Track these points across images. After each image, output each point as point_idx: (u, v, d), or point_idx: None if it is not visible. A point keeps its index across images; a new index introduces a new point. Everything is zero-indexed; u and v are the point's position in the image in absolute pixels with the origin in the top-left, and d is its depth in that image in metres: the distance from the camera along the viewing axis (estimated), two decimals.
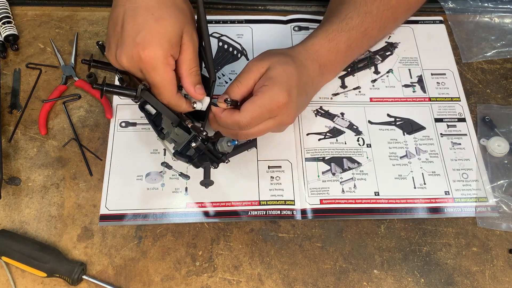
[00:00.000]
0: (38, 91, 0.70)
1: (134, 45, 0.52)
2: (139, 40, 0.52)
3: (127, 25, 0.53)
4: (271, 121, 0.58)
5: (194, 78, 0.56)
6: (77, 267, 0.55)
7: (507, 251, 0.60)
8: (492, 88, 0.73)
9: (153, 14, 0.53)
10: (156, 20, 0.53)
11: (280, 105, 0.56)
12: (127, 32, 0.53)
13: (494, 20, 0.79)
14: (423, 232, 0.61)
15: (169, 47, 0.53)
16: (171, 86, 0.54)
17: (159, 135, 0.61)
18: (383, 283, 0.58)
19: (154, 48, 0.52)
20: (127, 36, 0.53)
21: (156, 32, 0.52)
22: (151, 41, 0.52)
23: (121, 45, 0.53)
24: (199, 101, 0.57)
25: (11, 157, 0.64)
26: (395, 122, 0.69)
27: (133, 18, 0.53)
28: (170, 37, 0.53)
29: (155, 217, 0.61)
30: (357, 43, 0.66)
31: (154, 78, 0.53)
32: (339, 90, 0.71)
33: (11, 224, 0.60)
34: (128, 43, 0.53)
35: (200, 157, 0.58)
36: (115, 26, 0.55)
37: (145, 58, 0.52)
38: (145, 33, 0.52)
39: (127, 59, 0.53)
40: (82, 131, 0.67)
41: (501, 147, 0.66)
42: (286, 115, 0.58)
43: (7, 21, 0.73)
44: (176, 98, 0.56)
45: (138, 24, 0.53)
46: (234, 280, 0.57)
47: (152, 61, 0.52)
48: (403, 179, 0.64)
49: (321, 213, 0.62)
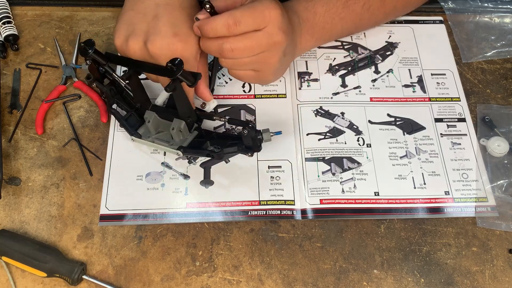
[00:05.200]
0: (38, 91, 0.70)
1: (172, 36, 0.55)
2: (177, 31, 0.55)
3: (164, 17, 0.56)
4: (260, 33, 0.56)
5: (207, 81, 0.61)
6: (77, 267, 0.55)
7: (507, 251, 0.60)
8: (492, 88, 0.73)
9: (187, 12, 0.57)
10: (190, 18, 0.56)
11: (272, 15, 0.55)
12: (164, 23, 0.55)
13: (494, 20, 0.79)
14: (423, 232, 0.61)
15: (199, 46, 0.57)
16: (204, 79, 0.59)
17: (134, 134, 0.62)
18: (383, 283, 0.58)
19: (192, 42, 0.56)
20: (164, 26, 0.55)
21: (191, 30, 0.56)
22: (189, 36, 0.56)
23: (156, 33, 0.55)
24: (208, 103, 0.62)
25: (11, 157, 0.64)
26: (395, 122, 0.69)
27: (169, 12, 0.56)
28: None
29: (155, 217, 0.61)
30: (336, 11, 0.67)
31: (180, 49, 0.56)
32: (339, 90, 0.71)
33: (11, 224, 0.60)
34: (165, 32, 0.55)
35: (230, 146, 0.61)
36: (145, 16, 0.57)
37: (179, 50, 0.55)
38: (183, 27, 0.56)
39: (161, 47, 0.55)
40: (82, 131, 0.67)
41: (501, 147, 0.66)
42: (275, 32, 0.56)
43: (7, 21, 0.73)
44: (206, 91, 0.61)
45: (175, 17, 0.56)
46: (234, 280, 0.57)
47: (186, 54, 0.55)
48: (403, 179, 0.64)
49: (321, 213, 0.62)
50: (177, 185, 0.63)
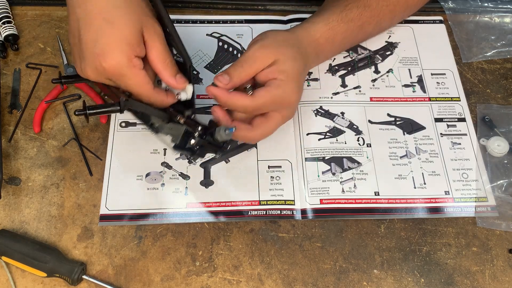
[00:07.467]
0: (38, 91, 0.70)
1: (95, 57, 0.50)
2: (98, 50, 0.50)
3: (83, 36, 0.51)
4: (277, 114, 0.58)
5: (171, 69, 0.54)
6: (77, 267, 0.55)
7: (507, 251, 0.60)
8: (492, 88, 0.73)
9: (105, 18, 0.50)
10: (110, 24, 0.50)
11: (291, 102, 0.58)
12: (85, 44, 0.51)
13: (494, 20, 0.79)
14: (423, 232, 0.61)
15: (130, 49, 0.51)
16: (146, 86, 0.53)
17: (152, 129, 0.60)
18: (383, 283, 0.58)
19: (115, 56, 0.50)
20: (86, 48, 0.51)
21: (113, 37, 0.50)
22: (110, 48, 0.50)
23: (83, 59, 0.51)
24: (183, 91, 0.56)
25: (11, 157, 0.64)
26: (395, 122, 0.69)
27: (88, 27, 0.51)
28: (129, 39, 0.51)
29: (155, 217, 0.61)
30: (352, 35, 0.67)
31: (125, 84, 0.52)
32: (339, 89, 0.71)
33: (11, 224, 0.60)
34: (88, 55, 0.51)
35: (201, 148, 0.58)
36: (73, 38, 0.53)
37: (109, 68, 0.50)
38: (103, 41, 0.50)
39: (92, 72, 0.52)
40: (82, 131, 0.67)
41: (500, 147, 0.66)
42: (291, 111, 0.60)
43: (7, 21, 0.73)
44: (156, 95, 0.54)
45: (93, 32, 0.50)
46: (234, 280, 0.57)
47: (117, 69, 0.51)
48: (403, 179, 0.64)
49: (321, 213, 0.62)
50: (177, 185, 0.63)
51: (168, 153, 0.65)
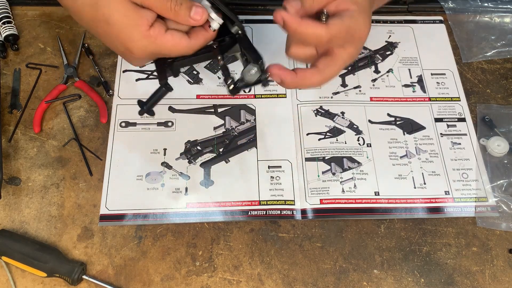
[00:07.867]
0: (38, 91, 0.70)
1: (126, 55, 0.53)
2: (122, 49, 0.51)
3: (106, 43, 0.53)
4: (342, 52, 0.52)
5: (181, 9, 0.50)
6: (77, 267, 0.55)
7: (507, 251, 0.60)
8: (492, 88, 0.73)
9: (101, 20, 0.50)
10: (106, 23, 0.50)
11: (362, 36, 0.52)
12: (113, 49, 0.53)
13: (494, 20, 0.79)
14: (423, 232, 0.61)
15: (137, 27, 0.49)
16: (180, 43, 0.51)
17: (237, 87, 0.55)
18: (383, 283, 0.58)
19: (135, 45, 0.50)
20: (117, 51, 0.53)
21: (116, 34, 0.50)
22: (126, 42, 0.50)
23: (124, 58, 0.54)
24: (211, 20, 0.52)
25: (11, 157, 0.64)
26: (395, 122, 0.69)
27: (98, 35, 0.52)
28: (130, 20, 0.49)
29: (155, 217, 0.61)
30: None
31: (166, 53, 0.52)
32: (339, 89, 0.71)
33: (11, 224, 0.60)
34: (122, 55, 0.53)
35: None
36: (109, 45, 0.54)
37: (143, 55, 0.51)
38: (115, 42, 0.51)
39: (138, 62, 0.54)
40: (82, 131, 0.67)
41: (500, 147, 0.66)
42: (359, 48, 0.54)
43: (7, 21, 0.73)
44: (195, 42, 0.52)
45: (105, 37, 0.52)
46: (234, 280, 0.57)
47: (148, 51, 0.51)
48: (403, 179, 0.64)
49: (321, 213, 0.62)
50: (177, 185, 0.63)
51: (168, 153, 0.65)
